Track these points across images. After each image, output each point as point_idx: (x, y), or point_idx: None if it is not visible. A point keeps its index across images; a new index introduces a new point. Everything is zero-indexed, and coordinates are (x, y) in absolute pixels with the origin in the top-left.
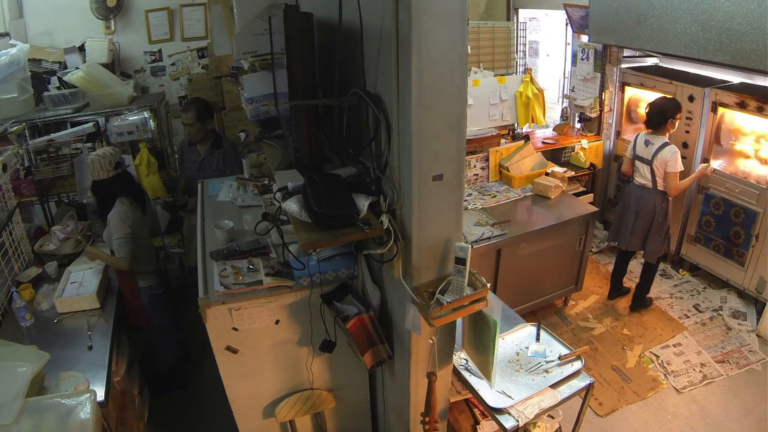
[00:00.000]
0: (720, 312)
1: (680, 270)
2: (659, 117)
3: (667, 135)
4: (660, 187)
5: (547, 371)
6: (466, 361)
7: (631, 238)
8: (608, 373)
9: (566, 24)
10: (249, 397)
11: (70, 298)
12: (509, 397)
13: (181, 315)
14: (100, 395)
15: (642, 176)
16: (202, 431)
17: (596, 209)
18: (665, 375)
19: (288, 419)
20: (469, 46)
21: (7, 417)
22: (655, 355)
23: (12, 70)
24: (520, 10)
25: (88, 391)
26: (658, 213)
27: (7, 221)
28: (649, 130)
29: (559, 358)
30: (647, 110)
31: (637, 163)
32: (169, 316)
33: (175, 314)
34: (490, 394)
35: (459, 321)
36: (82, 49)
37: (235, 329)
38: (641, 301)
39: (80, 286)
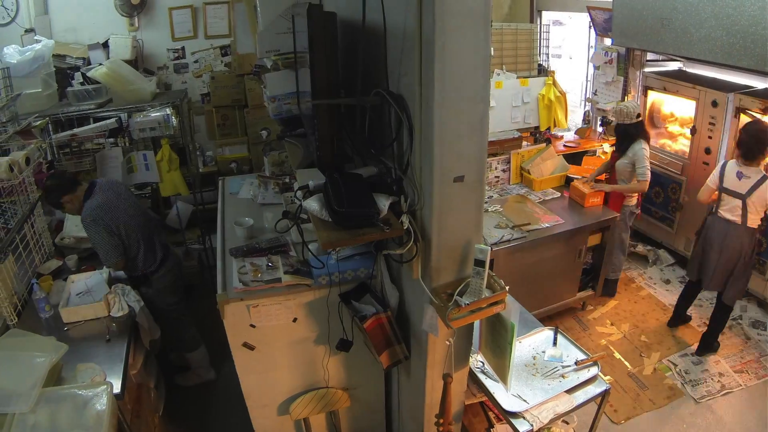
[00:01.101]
0: (739, 321)
1: None
2: (760, 147)
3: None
4: (751, 224)
5: (563, 376)
6: (483, 363)
7: (712, 277)
8: (624, 380)
9: (589, 27)
10: (264, 393)
11: (76, 308)
12: (524, 401)
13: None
14: (117, 387)
15: (729, 211)
16: (217, 426)
17: (617, 214)
18: (683, 384)
19: (302, 417)
20: (492, 48)
21: (24, 406)
22: (673, 363)
23: (37, 65)
24: (544, 12)
25: (105, 383)
26: (746, 253)
27: (29, 214)
28: (742, 160)
29: (575, 363)
30: (742, 137)
31: (725, 195)
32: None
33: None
34: (505, 397)
35: (476, 323)
36: (105, 45)
37: (253, 326)
38: (710, 346)
39: (86, 293)
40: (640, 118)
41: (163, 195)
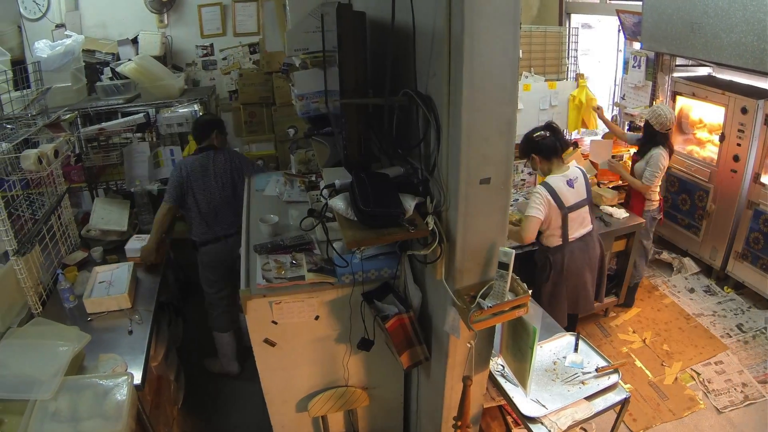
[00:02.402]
0: (764, 332)
1: (725, 287)
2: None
3: None
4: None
5: (583, 383)
6: (503, 367)
7: (587, 298)
8: (645, 388)
9: (619, 30)
10: (283, 389)
11: (100, 299)
12: (543, 406)
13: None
14: (137, 378)
15: (581, 225)
16: (235, 420)
17: (642, 220)
18: (705, 393)
19: (320, 414)
20: (520, 50)
21: (46, 393)
22: (696, 373)
23: (67, 60)
24: (573, 15)
25: (126, 373)
26: (602, 252)
27: (56, 205)
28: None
29: (596, 369)
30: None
31: (572, 215)
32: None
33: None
34: (524, 402)
35: (498, 326)
36: (135, 41)
37: (275, 322)
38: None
39: (110, 285)
40: (670, 130)
41: None
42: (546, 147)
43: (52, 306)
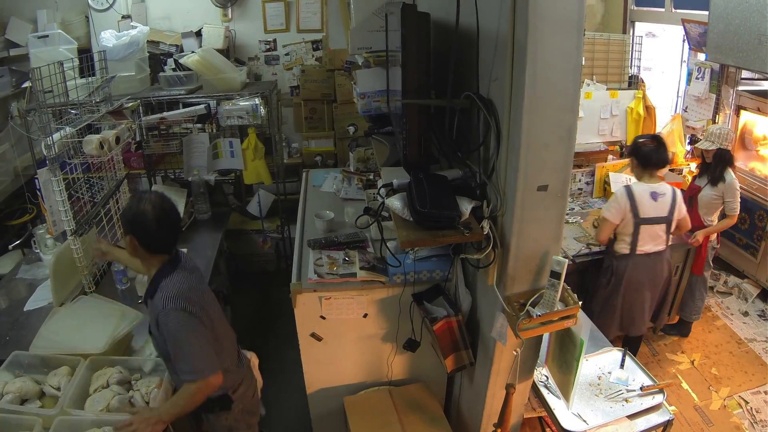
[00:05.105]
0: None
1: None
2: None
3: None
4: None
5: (626, 400)
6: (547, 377)
7: (642, 319)
8: (690, 412)
9: (683, 40)
10: (325, 384)
11: None
12: (584, 421)
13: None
14: None
15: (652, 240)
16: (274, 411)
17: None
18: (752, 423)
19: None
20: (583, 58)
21: (97, 348)
22: (744, 401)
23: (131, 50)
24: (637, 24)
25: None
26: (672, 274)
27: (115, 190)
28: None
29: (641, 388)
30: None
31: (644, 227)
32: None
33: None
34: (565, 415)
35: (545, 336)
36: (198, 34)
37: (323, 317)
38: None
39: None
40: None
41: (246, 182)
42: (642, 154)
43: (104, 287)
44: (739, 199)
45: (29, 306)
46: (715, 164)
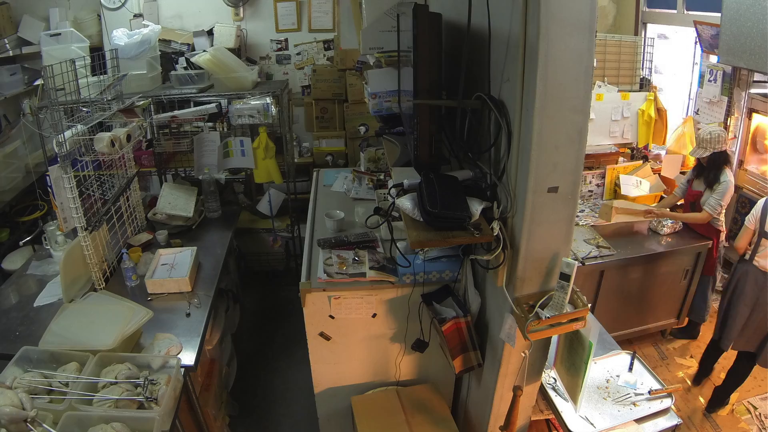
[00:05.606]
0: None
1: None
2: None
3: None
4: None
5: (634, 404)
6: (555, 380)
7: (741, 336)
8: (698, 417)
9: (695, 42)
10: (333, 383)
11: (161, 280)
12: (591, 424)
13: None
14: (191, 360)
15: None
16: (281, 410)
17: (708, 241)
18: (761, 429)
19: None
20: (595, 59)
21: (107, 344)
22: (753, 406)
23: (143, 48)
24: (649, 25)
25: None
26: None
27: (126, 187)
28: None
29: (649, 392)
30: None
31: (765, 241)
32: None
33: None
34: (572, 418)
35: (554, 338)
36: (210, 33)
37: (332, 317)
38: (721, 402)
39: (172, 268)
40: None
41: (256, 181)
42: None
43: (114, 283)
44: (725, 203)
45: (39, 302)
46: (709, 168)
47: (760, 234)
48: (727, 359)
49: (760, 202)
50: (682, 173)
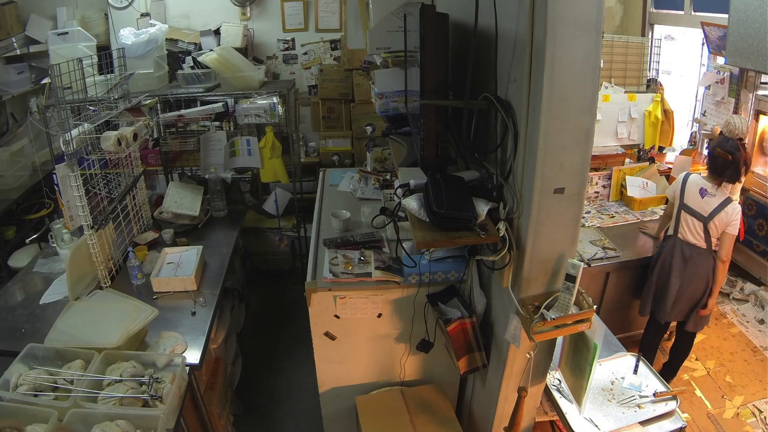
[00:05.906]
0: None
1: None
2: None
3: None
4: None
5: (639, 406)
6: (559, 381)
7: (673, 308)
8: (702, 420)
9: (702, 44)
10: (338, 383)
11: (167, 278)
12: (596, 426)
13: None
14: (196, 358)
15: (691, 233)
16: (286, 409)
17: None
18: None
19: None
20: (602, 60)
21: (112, 342)
22: (758, 410)
23: (150, 47)
24: (656, 26)
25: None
26: (710, 280)
27: (132, 186)
28: (708, 175)
29: (654, 394)
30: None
31: (685, 215)
32: None
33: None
34: (577, 420)
35: (559, 339)
36: (217, 32)
37: (337, 317)
38: (669, 378)
39: (178, 267)
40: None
41: (262, 181)
42: (711, 155)
43: (120, 282)
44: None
45: (45, 299)
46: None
47: (680, 208)
48: None
49: (680, 177)
50: None
